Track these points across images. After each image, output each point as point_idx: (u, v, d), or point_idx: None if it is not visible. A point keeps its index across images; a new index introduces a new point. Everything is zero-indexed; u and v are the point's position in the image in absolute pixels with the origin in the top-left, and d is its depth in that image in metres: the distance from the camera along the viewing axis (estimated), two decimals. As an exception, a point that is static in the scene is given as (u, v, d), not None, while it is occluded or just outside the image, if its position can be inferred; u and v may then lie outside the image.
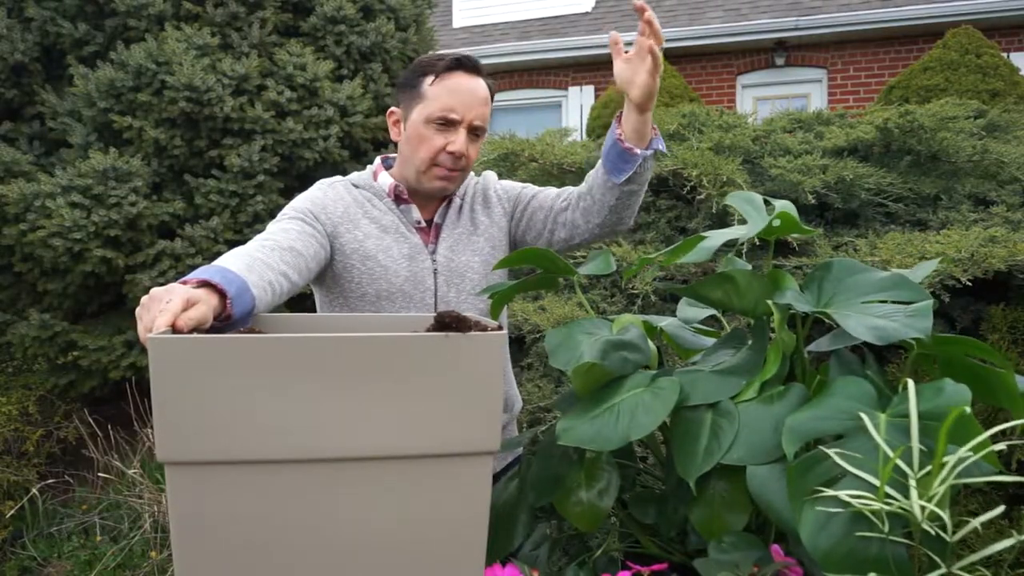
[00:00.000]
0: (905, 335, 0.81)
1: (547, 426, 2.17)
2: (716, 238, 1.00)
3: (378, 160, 1.45)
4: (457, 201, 1.43)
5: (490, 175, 1.51)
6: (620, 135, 1.28)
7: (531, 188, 1.49)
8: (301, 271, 1.19)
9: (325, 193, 1.37)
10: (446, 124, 1.31)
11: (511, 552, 1.01)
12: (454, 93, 1.31)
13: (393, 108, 1.40)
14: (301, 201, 1.34)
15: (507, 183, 1.51)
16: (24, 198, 3.13)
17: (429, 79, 1.32)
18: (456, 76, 1.32)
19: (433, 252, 1.38)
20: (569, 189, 1.43)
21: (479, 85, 1.33)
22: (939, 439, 0.67)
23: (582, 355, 0.93)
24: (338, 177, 1.43)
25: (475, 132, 1.34)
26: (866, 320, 0.85)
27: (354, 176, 1.43)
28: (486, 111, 1.34)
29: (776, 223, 0.97)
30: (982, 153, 2.62)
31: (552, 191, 1.46)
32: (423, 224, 1.39)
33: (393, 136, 1.40)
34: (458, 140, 1.31)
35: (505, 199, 1.47)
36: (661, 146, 1.31)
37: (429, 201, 1.41)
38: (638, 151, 1.27)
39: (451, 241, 1.39)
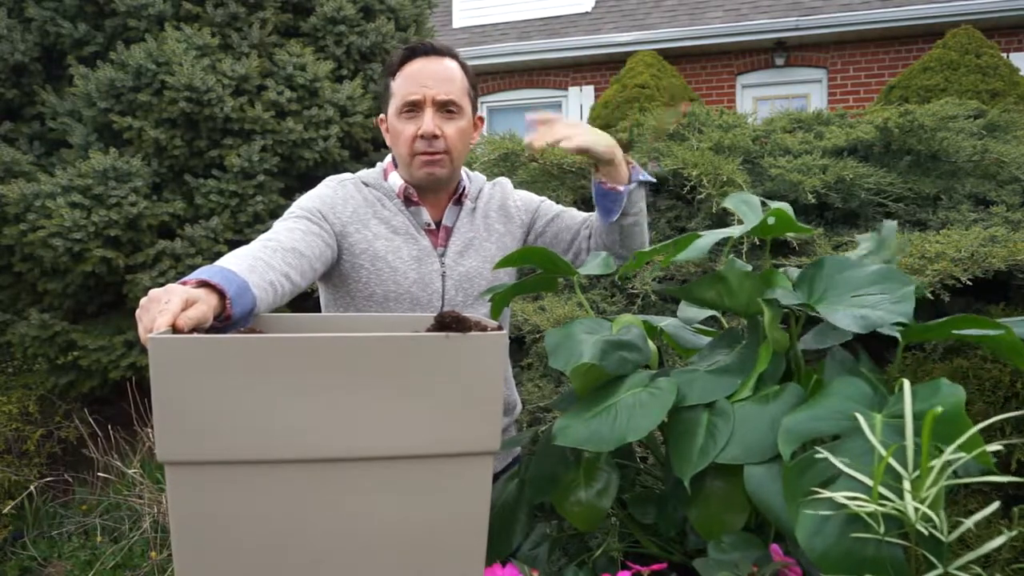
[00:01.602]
0: (889, 321, 0.82)
1: (547, 426, 2.17)
2: (710, 236, 1.01)
3: (388, 159, 1.43)
4: (469, 204, 1.42)
5: (506, 183, 1.51)
6: (601, 180, 1.32)
7: (550, 204, 1.50)
8: (304, 272, 1.18)
9: (335, 191, 1.36)
10: (412, 109, 1.31)
11: (510, 552, 1.01)
12: (411, 79, 1.31)
13: (381, 116, 1.41)
14: (309, 200, 1.33)
15: (524, 194, 1.51)
16: (24, 198, 3.13)
17: (392, 77, 1.34)
18: (412, 64, 1.32)
19: (442, 255, 1.37)
20: (592, 217, 1.45)
21: (438, 64, 1.32)
22: (923, 440, 0.67)
23: (581, 355, 0.94)
24: (348, 174, 1.41)
25: (446, 109, 1.32)
26: (852, 311, 0.86)
27: (364, 174, 1.41)
28: (451, 87, 1.32)
29: (771, 221, 0.98)
30: (982, 153, 2.62)
31: (577, 215, 1.47)
32: (433, 226, 1.38)
33: (388, 143, 1.40)
34: (425, 121, 1.30)
35: (524, 211, 1.48)
36: (642, 176, 1.35)
37: (437, 200, 1.40)
38: (621, 188, 1.31)
39: (461, 245, 1.39)
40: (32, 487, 3.06)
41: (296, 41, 3.66)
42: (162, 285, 1.06)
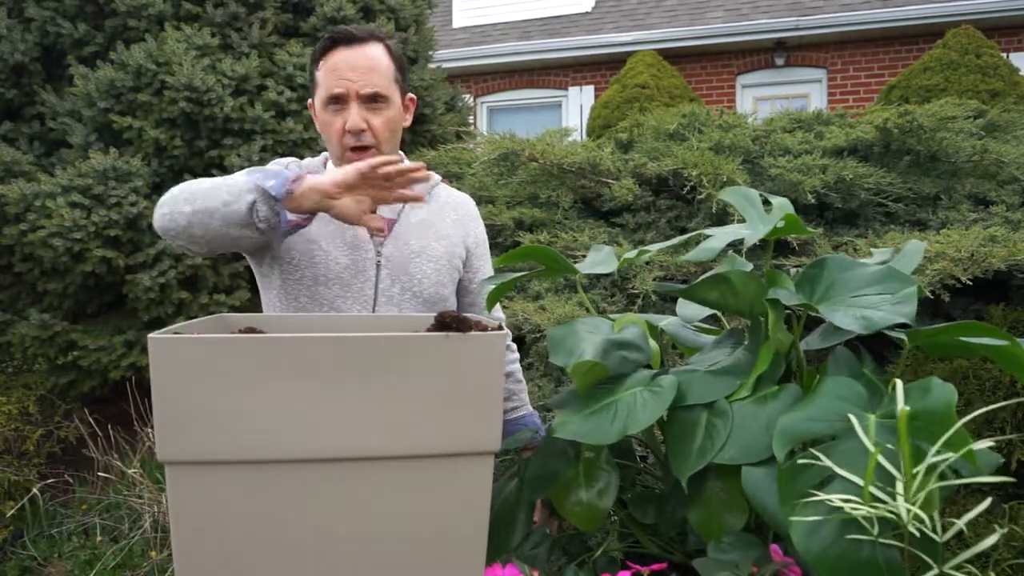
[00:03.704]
0: (890, 321, 0.82)
1: (546, 425, 2.17)
2: (720, 238, 1.01)
3: None
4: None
5: (470, 200, 1.51)
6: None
7: (487, 258, 1.50)
8: None
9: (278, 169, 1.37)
10: (337, 103, 1.29)
11: (510, 550, 1.01)
12: (333, 71, 1.28)
13: (310, 100, 1.38)
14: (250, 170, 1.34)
15: (482, 227, 1.51)
16: (24, 198, 3.13)
17: (317, 65, 1.32)
18: (334, 54, 1.29)
19: (380, 244, 1.34)
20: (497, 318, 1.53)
21: (361, 54, 1.28)
22: (931, 441, 0.67)
23: (583, 352, 0.94)
24: (293, 158, 1.42)
25: (371, 101, 1.29)
26: (853, 312, 0.86)
27: (306, 160, 1.42)
28: (374, 77, 1.28)
29: (780, 224, 0.98)
30: (982, 153, 2.62)
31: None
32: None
33: (318, 128, 1.38)
34: (351, 115, 1.28)
35: (472, 243, 1.46)
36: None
37: None
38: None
39: (405, 237, 1.36)
40: (35, 489, 3.05)
41: (296, 41, 3.65)
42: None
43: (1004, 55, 5.20)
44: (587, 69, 8.27)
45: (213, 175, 3.40)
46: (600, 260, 1.16)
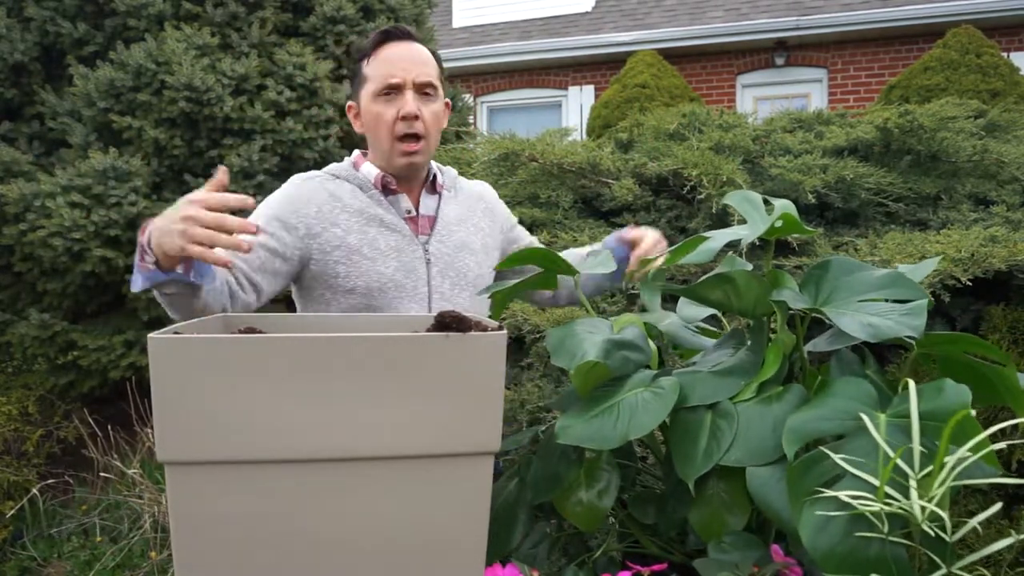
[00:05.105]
0: (898, 333, 0.82)
1: (547, 426, 2.17)
2: (719, 239, 1.00)
3: (357, 152, 1.42)
4: (447, 193, 1.42)
5: (487, 186, 1.54)
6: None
7: (521, 231, 1.56)
8: (241, 283, 1.24)
9: (298, 189, 1.35)
10: (391, 92, 1.30)
11: (510, 551, 1.01)
12: (388, 61, 1.31)
13: (351, 103, 1.40)
14: (268, 207, 1.32)
15: (505, 207, 1.55)
16: (24, 198, 3.13)
17: (365, 61, 1.34)
18: (387, 47, 1.32)
19: (425, 243, 1.36)
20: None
21: (413, 48, 1.33)
22: (942, 441, 0.67)
23: (585, 353, 0.93)
24: (315, 171, 1.40)
25: (425, 92, 1.32)
26: (860, 318, 0.85)
27: (333, 167, 1.40)
28: (428, 70, 1.33)
29: (778, 224, 0.97)
30: (982, 153, 2.62)
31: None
32: (413, 213, 1.37)
33: (357, 129, 1.39)
34: (406, 102, 1.30)
35: (506, 220, 1.52)
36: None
37: (411, 188, 1.39)
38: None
39: (445, 232, 1.38)
40: (34, 489, 3.05)
41: (296, 41, 3.65)
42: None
43: (1004, 55, 5.20)
44: (587, 69, 8.27)
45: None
46: (600, 261, 1.16)
